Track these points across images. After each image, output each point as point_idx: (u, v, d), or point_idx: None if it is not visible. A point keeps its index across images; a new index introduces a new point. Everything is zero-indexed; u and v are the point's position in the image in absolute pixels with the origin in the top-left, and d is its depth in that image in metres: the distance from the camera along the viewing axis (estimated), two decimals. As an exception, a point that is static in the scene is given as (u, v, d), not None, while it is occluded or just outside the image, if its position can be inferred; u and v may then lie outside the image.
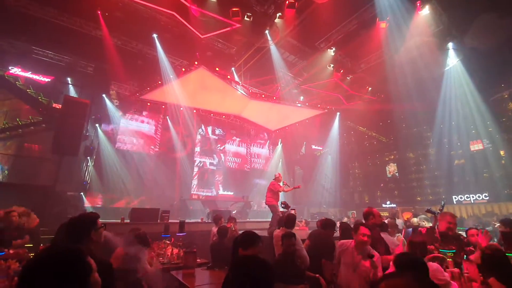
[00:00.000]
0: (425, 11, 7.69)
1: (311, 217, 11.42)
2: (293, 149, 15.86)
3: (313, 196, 14.51)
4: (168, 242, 4.73)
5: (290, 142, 15.65)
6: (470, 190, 10.93)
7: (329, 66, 10.17)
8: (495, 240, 4.26)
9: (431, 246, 3.11)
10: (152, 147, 11.63)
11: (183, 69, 9.29)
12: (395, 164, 14.46)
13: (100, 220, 2.11)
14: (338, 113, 14.07)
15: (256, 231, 6.94)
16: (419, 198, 12.95)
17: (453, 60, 10.08)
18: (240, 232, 5.61)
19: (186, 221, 7.33)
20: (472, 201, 10.68)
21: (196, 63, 9.08)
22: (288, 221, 4.23)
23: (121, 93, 10.91)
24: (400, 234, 4.90)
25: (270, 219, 6.49)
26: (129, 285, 2.92)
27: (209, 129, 13.54)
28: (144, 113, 11.70)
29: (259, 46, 9.37)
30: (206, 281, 3.21)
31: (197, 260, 4.07)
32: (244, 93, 10.60)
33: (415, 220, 5.86)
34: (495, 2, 6.97)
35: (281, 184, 6.62)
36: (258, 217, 11.48)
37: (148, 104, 11.46)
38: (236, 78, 10.48)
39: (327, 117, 13.82)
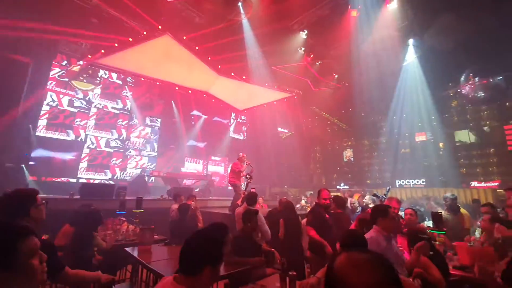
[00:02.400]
0: (393, 5, 7.99)
1: (272, 196, 11.90)
2: (259, 130, 15.99)
3: (276, 177, 15.06)
4: (124, 219, 4.55)
5: (257, 123, 15.71)
6: (411, 176, 12.40)
7: (300, 49, 10.16)
8: (427, 219, 4.95)
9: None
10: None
11: (145, 33, 8.44)
12: (352, 150, 15.60)
13: (43, 195, 1.90)
14: (305, 98, 14.40)
15: (218, 209, 7.04)
16: (368, 181, 14.31)
17: (411, 56, 10.87)
18: (201, 209, 5.61)
19: (145, 198, 7.12)
20: (412, 185, 12.15)
21: (160, 27, 8.31)
22: (249, 199, 4.35)
23: (71, 55, 9.61)
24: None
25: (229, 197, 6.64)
26: (80, 261, 2.78)
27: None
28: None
29: (231, 19, 8.88)
30: (162, 256, 3.19)
31: (155, 236, 4.01)
32: (212, 68, 10.16)
33: (366, 198, 6.47)
34: (455, 5, 7.52)
35: (244, 164, 6.73)
36: (221, 195, 11.59)
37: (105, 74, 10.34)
38: (205, 51, 9.89)
39: (295, 100, 14.08)
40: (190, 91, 12.74)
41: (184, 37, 8.95)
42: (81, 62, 9.58)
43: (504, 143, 10.44)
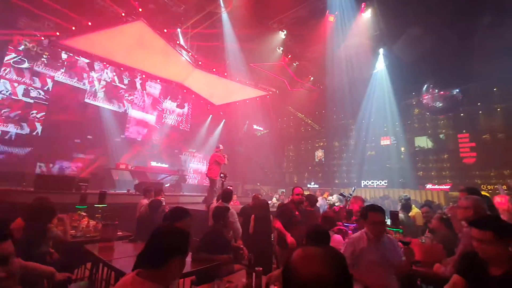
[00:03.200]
0: (367, 14, 8.42)
1: (245, 193, 11.94)
2: (235, 126, 15.91)
3: (249, 174, 15.12)
4: (84, 214, 4.26)
5: (233, 119, 15.61)
6: (374, 177, 13.25)
7: (279, 49, 10.28)
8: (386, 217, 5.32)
9: (340, 222, 3.72)
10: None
11: (123, 14, 7.89)
12: (323, 151, 16.20)
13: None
14: (282, 97, 14.61)
15: (190, 206, 6.87)
16: (337, 181, 15.01)
17: (381, 64, 11.57)
18: (172, 205, 5.45)
19: (111, 192, 6.73)
20: (375, 186, 12.99)
21: (140, 10, 7.84)
22: (224, 195, 4.32)
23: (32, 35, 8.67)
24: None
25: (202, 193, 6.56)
26: (32, 257, 2.55)
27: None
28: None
29: (210, 11, 8.69)
30: (126, 253, 3.03)
31: (118, 233, 3.81)
32: (189, 60, 9.85)
33: (331, 198, 6.78)
34: (420, 20, 8.13)
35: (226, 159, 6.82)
36: (193, 191, 11.36)
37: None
38: (182, 42, 9.57)
39: (271, 99, 14.24)
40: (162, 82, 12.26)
41: (165, 31, 8.55)
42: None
43: (457, 150, 11.61)
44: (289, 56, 10.81)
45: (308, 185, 15.02)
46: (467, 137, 11.42)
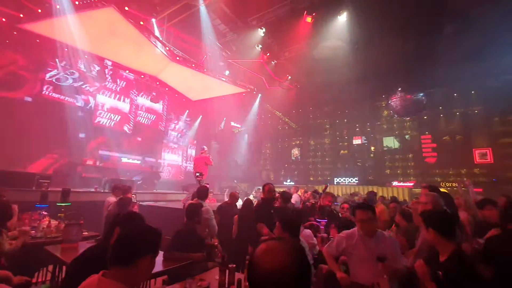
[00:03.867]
0: (343, 18, 8.70)
1: (222, 190, 11.86)
2: (212, 122, 15.70)
3: (225, 171, 15.03)
4: (45, 213, 3.96)
5: (210, 115, 15.37)
6: (347, 174, 13.87)
7: (257, 46, 10.28)
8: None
9: (311, 217, 3.85)
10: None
11: None
12: (299, 149, 16.59)
13: None
14: (259, 95, 14.66)
15: (163, 203, 6.64)
16: (311, 178, 15.49)
17: (354, 67, 12.04)
18: (140, 203, 5.24)
19: (76, 190, 6.31)
20: (347, 183, 13.59)
21: None
22: (200, 193, 4.24)
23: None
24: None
25: (176, 191, 6.45)
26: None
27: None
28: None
29: (188, 2, 8.42)
30: (92, 255, 2.86)
31: (83, 233, 3.60)
32: (164, 53, 9.48)
33: (306, 194, 6.98)
34: (390, 28, 8.59)
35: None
36: (167, 188, 11.02)
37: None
38: (157, 33, 9.17)
39: (249, 96, 14.23)
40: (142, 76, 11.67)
41: (142, 23, 8.11)
42: None
43: (420, 150, 12.54)
44: (268, 54, 10.86)
45: (284, 182, 15.32)
46: (429, 139, 12.39)
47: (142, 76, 11.94)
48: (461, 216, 3.31)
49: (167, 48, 9.49)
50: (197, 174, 6.55)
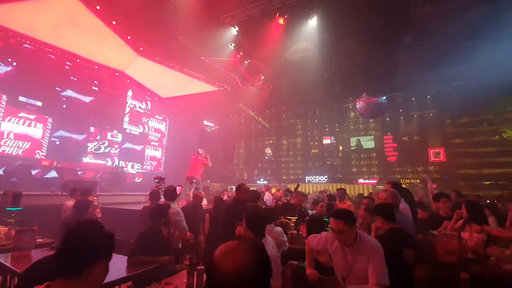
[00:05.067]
0: (313, 22, 9.00)
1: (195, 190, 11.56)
2: (183, 121, 15.26)
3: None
4: (-9, 219, 3.55)
5: (181, 113, 14.92)
6: (317, 173, 14.41)
7: (230, 44, 10.21)
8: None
9: (282, 216, 3.94)
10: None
11: None
12: (272, 148, 16.84)
13: None
14: (232, 94, 14.57)
15: (132, 206, 6.28)
16: (284, 177, 15.81)
17: (324, 70, 12.54)
18: (102, 206, 4.93)
19: (29, 193, 5.73)
20: (317, 181, 14.11)
21: None
22: (168, 194, 4.08)
23: None
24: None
25: (148, 193, 6.15)
26: None
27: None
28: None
29: (157, -4, 8.07)
30: (46, 263, 2.63)
31: (37, 240, 3.29)
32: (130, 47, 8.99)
33: (278, 193, 7.13)
34: (357, 33, 9.09)
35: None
36: (135, 190, 10.46)
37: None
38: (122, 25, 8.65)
39: (222, 95, 14.08)
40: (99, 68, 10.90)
41: (98, 7, 7.57)
42: None
43: (383, 149, 13.45)
44: (241, 53, 10.84)
45: (258, 181, 15.43)
46: (391, 139, 13.36)
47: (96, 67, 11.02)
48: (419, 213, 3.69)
49: (132, 41, 8.98)
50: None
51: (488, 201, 6.95)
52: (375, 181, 12.83)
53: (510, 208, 3.79)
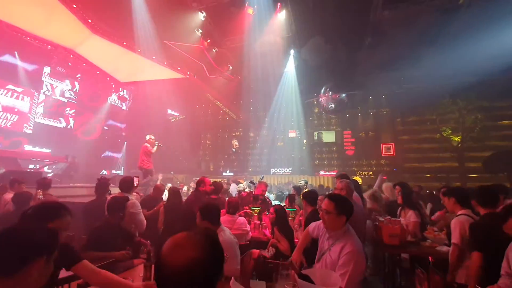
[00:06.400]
0: (282, 15, 9.06)
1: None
2: (144, 109, 14.36)
3: (161, 162, 14.07)
4: None
5: (142, 101, 13.99)
6: (282, 165, 14.84)
7: (197, 30, 9.79)
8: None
9: (246, 206, 3.99)
10: None
11: None
12: (239, 140, 16.82)
13: None
14: (199, 83, 14.10)
15: (82, 198, 5.78)
16: (250, 169, 15.95)
17: (291, 64, 12.83)
18: (61, 200, 4.50)
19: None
20: (282, 173, 14.55)
21: None
22: (123, 184, 3.81)
23: None
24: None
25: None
26: None
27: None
28: None
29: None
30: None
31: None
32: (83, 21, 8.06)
33: (241, 185, 7.19)
34: (323, 30, 9.42)
35: (154, 148, 6.93)
36: (88, 181, 9.61)
37: None
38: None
39: (188, 83, 13.52)
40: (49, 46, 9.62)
41: None
42: None
43: (342, 144, 14.35)
44: (208, 40, 10.47)
45: (224, 173, 15.36)
46: (350, 134, 14.30)
47: (50, 47, 9.78)
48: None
49: (83, 16, 8.05)
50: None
51: (427, 191, 7.94)
52: (334, 173, 13.69)
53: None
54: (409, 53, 9.93)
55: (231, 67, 12.84)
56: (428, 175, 12.25)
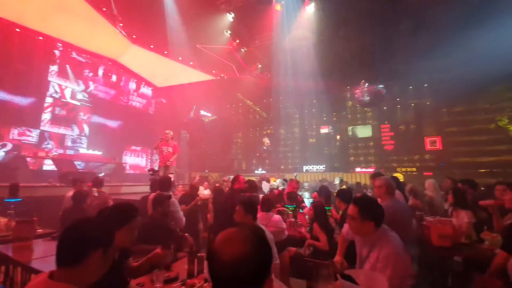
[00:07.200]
0: (311, 8, 8.81)
1: (192, 181, 11.62)
2: (180, 111, 15.10)
3: (196, 161, 14.72)
4: (-11, 210, 3.57)
5: (178, 103, 14.74)
6: (315, 162, 14.50)
7: (226, 31, 10.00)
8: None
9: (278, 204, 4.01)
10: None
11: None
12: (270, 138, 16.84)
13: None
14: (229, 83, 14.40)
15: (130, 196, 6.31)
16: (282, 167, 15.90)
17: (321, 57, 12.37)
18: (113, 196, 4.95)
19: (27, 184, 5.72)
20: (315, 170, 14.23)
21: None
22: (163, 184, 4.11)
23: None
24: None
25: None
26: None
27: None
28: None
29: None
30: (47, 253, 2.66)
31: (37, 230, 3.32)
32: (124, 33, 8.73)
33: (275, 183, 7.19)
34: (356, 19, 8.92)
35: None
36: (133, 181, 10.46)
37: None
38: (114, 10, 8.38)
39: (219, 84, 13.90)
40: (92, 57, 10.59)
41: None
42: None
43: (380, 138, 13.52)
44: (237, 40, 10.64)
45: (256, 171, 15.53)
46: (388, 128, 13.40)
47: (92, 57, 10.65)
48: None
49: (121, 25, 8.68)
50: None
51: (482, 188, 7.09)
52: (372, 170, 12.97)
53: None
54: (453, 36, 8.95)
55: (260, 66, 12.89)
56: (482, 171, 10.94)
